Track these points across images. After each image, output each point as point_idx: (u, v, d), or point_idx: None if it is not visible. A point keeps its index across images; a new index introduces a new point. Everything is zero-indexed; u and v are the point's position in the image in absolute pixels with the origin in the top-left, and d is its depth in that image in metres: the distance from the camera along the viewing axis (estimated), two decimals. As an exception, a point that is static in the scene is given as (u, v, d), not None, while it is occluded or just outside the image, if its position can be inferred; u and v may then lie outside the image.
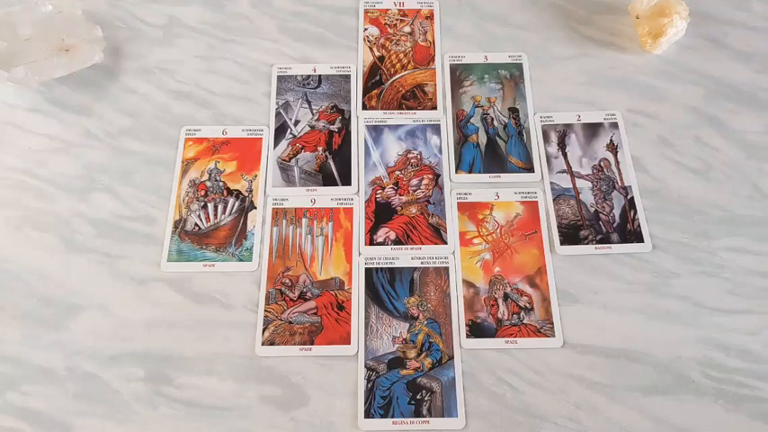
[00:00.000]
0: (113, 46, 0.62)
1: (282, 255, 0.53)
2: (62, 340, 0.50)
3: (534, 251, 0.53)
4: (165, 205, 0.55)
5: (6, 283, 0.52)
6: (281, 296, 0.51)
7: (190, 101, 0.60)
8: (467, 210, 0.55)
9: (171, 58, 0.62)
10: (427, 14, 0.65)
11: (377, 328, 0.50)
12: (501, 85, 0.61)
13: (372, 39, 0.63)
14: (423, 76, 0.61)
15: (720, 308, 0.51)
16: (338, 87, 0.61)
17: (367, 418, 0.47)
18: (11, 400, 0.48)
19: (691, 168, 0.57)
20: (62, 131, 0.58)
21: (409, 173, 0.57)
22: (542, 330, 0.50)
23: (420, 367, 0.49)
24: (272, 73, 0.61)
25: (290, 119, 0.59)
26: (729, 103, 0.60)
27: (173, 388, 0.48)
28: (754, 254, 0.53)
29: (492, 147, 0.58)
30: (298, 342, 0.50)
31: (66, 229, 0.54)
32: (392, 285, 0.52)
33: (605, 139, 0.58)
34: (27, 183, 0.56)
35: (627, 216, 0.54)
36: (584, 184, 0.56)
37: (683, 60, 0.62)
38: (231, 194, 0.56)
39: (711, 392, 0.48)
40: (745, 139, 0.58)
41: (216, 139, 0.58)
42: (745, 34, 0.63)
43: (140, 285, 0.52)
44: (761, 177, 0.56)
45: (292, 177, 0.57)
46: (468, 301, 0.51)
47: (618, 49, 0.63)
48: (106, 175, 0.56)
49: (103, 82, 0.61)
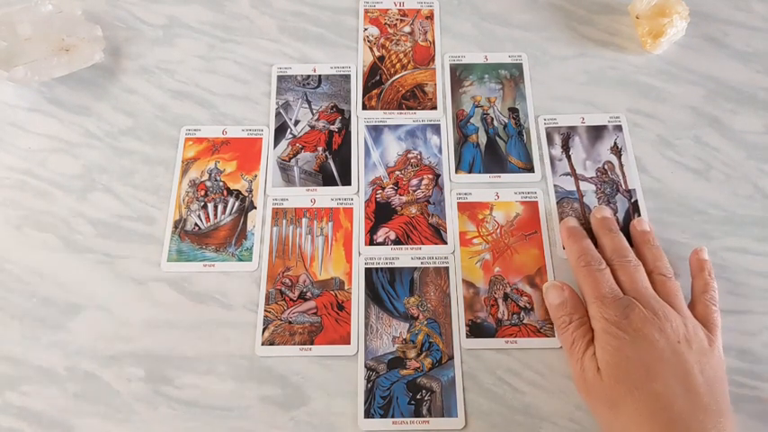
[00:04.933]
0: (113, 46, 0.62)
1: (282, 255, 0.53)
2: (62, 340, 0.50)
3: (534, 251, 0.53)
4: (165, 205, 0.55)
5: (6, 283, 0.52)
6: (281, 296, 0.51)
7: (190, 101, 0.60)
8: (467, 210, 0.55)
9: (171, 58, 0.62)
10: (427, 14, 0.65)
11: (377, 328, 0.50)
12: (501, 85, 0.61)
13: (372, 39, 0.63)
14: (423, 76, 0.61)
15: (720, 308, 0.50)
16: (338, 87, 0.61)
17: (367, 418, 0.47)
18: (10, 400, 0.48)
19: (691, 168, 0.57)
20: (62, 131, 0.58)
21: (409, 173, 0.57)
22: (542, 330, 0.50)
23: (420, 367, 0.49)
24: (272, 73, 0.61)
25: (290, 119, 0.59)
26: (729, 103, 0.60)
27: (173, 388, 0.48)
28: (754, 254, 0.53)
29: (492, 147, 0.58)
30: (298, 342, 0.50)
31: (66, 228, 0.54)
32: (392, 285, 0.52)
33: (609, 141, 0.58)
34: (27, 182, 0.56)
35: (631, 219, 0.54)
36: (588, 186, 0.56)
37: (683, 60, 0.62)
38: (231, 194, 0.56)
39: (711, 392, 0.48)
40: (745, 139, 0.58)
41: (216, 139, 0.58)
42: (745, 34, 0.63)
43: (140, 285, 0.52)
44: (761, 177, 0.56)
45: (292, 177, 0.57)
46: (468, 301, 0.51)
47: (618, 49, 0.63)
48: (106, 174, 0.56)
49: (103, 82, 0.61)
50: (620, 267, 0.48)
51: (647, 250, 0.50)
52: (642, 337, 0.42)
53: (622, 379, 0.41)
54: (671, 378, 0.40)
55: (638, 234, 0.51)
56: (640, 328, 0.42)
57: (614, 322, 0.43)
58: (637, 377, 0.41)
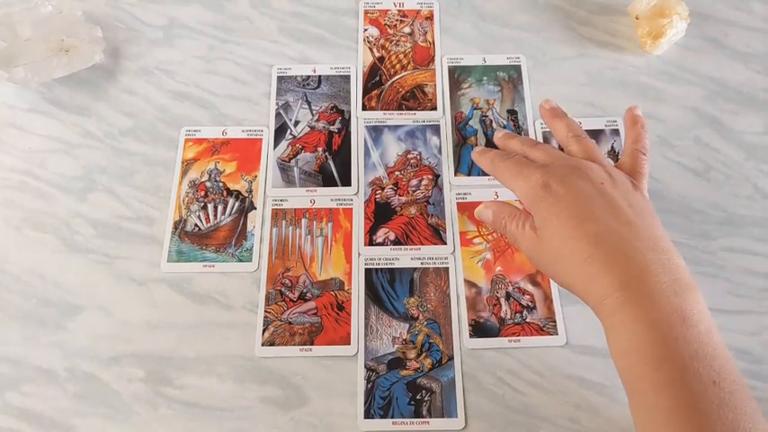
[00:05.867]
0: (113, 46, 0.62)
1: (282, 255, 0.53)
2: (62, 341, 0.50)
3: (534, 251, 0.53)
4: (165, 206, 0.55)
5: (6, 284, 0.52)
6: (281, 297, 0.51)
7: (190, 101, 0.60)
8: (466, 210, 0.55)
9: (171, 59, 0.62)
10: (427, 15, 0.65)
11: (377, 329, 0.50)
12: (500, 86, 0.61)
13: (372, 39, 0.63)
14: (423, 76, 0.62)
15: (720, 308, 0.50)
16: (338, 88, 0.61)
17: (367, 418, 0.47)
18: (10, 401, 0.48)
19: (691, 169, 0.57)
20: (62, 132, 0.58)
21: (409, 173, 0.57)
22: (545, 328, 0.50)
23: (420, 368, 0.49)
24: (272, 73, 0.61)
25: (290, 119, 0.59)
26: (729, 103, 0.60)
27: (173, 389, 0.48)
28: (754, 254, 0.53)
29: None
30: (298, 342, 0.50)
31: (66, 229, 0.54)
32: (392, 286, 0.52)
33: (606, 146, 0.58)
34: (27, 183, 0.56)
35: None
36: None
37: (683, 61, 0.62)
38: (231, 195, 0.56)
39: (711, 393, 0.48)
40: (745, 139, 0.58)
41: (216, 140, 0.58)
42: (745, 35, 0.63)
43: (140, 286, 0.52)
44: (761, 178, 0.56)
45: (292, 178, 0.57)
46: (471, 300, 0.51)
47: (617, 50, 0.63)
48: (106, 175, 0.56)
49: (103, 82, 0.61)
50: (530, 153, 0.48)
51: (559, 122, 0.50)
52: (567, 190, 0.43)
53: (558, 232, 0.42)
54: (601, 216, 0.41)
55: (547, 113, 0.51)
56: (563, 182, 0.43)
57: (540, 186, 0.43)
58: (570, 225, 0.41)
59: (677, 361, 0.35)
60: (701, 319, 0.37)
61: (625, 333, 0.38)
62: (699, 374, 0.35)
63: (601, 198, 0.42)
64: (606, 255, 0.40)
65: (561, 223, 0.42)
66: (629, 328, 0.37)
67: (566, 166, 0.45)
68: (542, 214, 0.43)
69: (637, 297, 0.38)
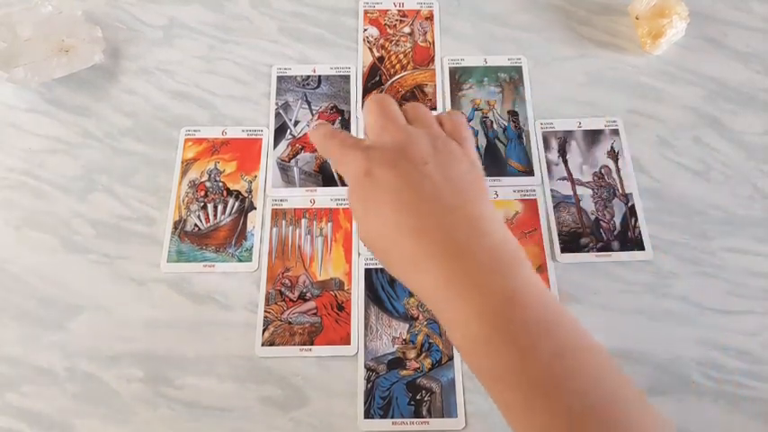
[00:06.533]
0: (113, 46, 0.62)
1: (282, 255, 0.53)
2: (61, 341, 0.50)
3: (534, 249, 0.53)
4: (165, 206, 0.55)
5: (5, 284, 0.52)
6: (281, 297, 0.51)
7: (189, 101, 0.60)
8: (466, 210, 0.55)
9: (171, 59, 0.62)
10: (427, 15, 0.65)
11: (377, 329, 0.50)
12: (500, 88, 0.61)
13: (372, 39, 0.63)
14: (422, 76, 0.62)
15: (720, 308, 0.51)
16: (338, 88, 0.61)
17: (367, 418, 0.47)
18: (10, 401, 0.48)
19: (690, 169, 0.57)
20: (62, 132, 0.58)
21: (409, 173, 0.57)
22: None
23: (420, 368, 0.49)
24: (272, 73, 0.61)
25: (290, 119, 0.59)
26: (729, 103, 0.60)
27: (172, 388, 0.48)
28: (754, 254, 0.53)
29: (491, 150, 0.58)
30: (298, 342, 0.50)
31: (66, 229, 0.54)
32: (392, 286, 0.52)
33: (606, 146, 0.58)
34: (26, 183, 0.56)
35: (628, 224, 0.54)
36: (585, 191, 0.56)
37: (683, 61, 0.62)
38: (231, 195, 0.56)
39: (711, 393, 0.48)
40: (745, 139, 0.58)
41: (215, 140, 0.58)
42: (744, 35, 0.63)
43: (140, 286, 0.52)
44: (761, 178, 0.56)
45: (292, 178, 0.57)
46: (468, 301, 0.51)
47: (617, 50, 0.63)
48: (106, 175, 0.56)
49: (103, 82, 0.61)
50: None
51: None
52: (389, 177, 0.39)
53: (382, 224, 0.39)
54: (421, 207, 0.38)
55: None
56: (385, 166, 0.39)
57: (363, 174, 0.39)
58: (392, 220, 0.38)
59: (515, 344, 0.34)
60: (529, 292, 0.35)
61: (458, 331, 0.36)
62: (539, 352, 0.33)
63: (423, 182, 0.38)
64: (426, 250, 0.37)
65: (384, 216, 0.38)
66: (462, 324, 0.35)
67: (392, 143, 0.40)
68: (366, 204, 0.40)
69: (461, 289, 0.36)
